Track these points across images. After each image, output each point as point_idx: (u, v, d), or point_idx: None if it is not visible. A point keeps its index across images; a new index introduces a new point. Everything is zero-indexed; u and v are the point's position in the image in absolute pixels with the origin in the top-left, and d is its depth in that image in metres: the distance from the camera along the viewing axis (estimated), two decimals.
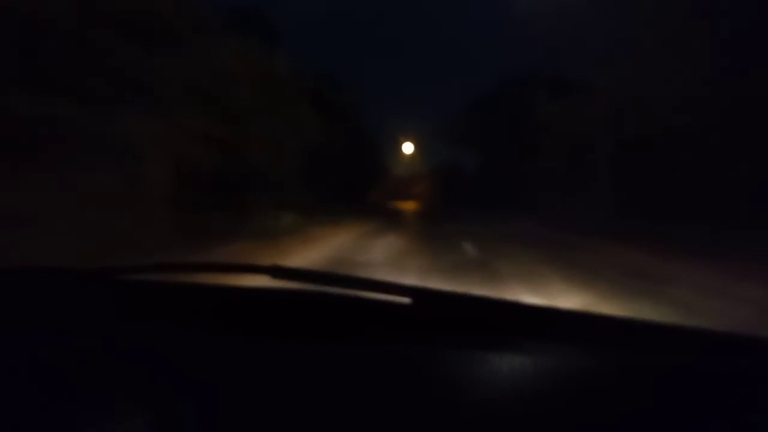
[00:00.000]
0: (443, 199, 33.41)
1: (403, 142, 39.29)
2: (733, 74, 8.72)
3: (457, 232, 10.45)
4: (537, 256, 6.54)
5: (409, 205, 33.51)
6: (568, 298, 3.70)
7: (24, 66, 5.08)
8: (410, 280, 4.35)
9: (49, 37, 5.25)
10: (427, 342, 0.67)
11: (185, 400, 0.55)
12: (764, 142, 8.32)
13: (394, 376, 0.60)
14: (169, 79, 6.88)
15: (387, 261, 5.94)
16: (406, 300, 0.73)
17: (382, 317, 0.74)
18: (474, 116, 27.70)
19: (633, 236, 8.61)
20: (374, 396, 0.56)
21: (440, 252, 7.05)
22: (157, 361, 0.64)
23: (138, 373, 0.60)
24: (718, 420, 0.53)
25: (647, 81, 10.78)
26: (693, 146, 9.97)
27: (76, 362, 0.63)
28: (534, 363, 0.61)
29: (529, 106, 18.09)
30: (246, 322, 0.76)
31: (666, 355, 0.64)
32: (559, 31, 14.46)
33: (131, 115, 5.97)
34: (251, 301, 0.84)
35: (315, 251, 6.93)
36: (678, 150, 10.30)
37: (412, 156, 42.57)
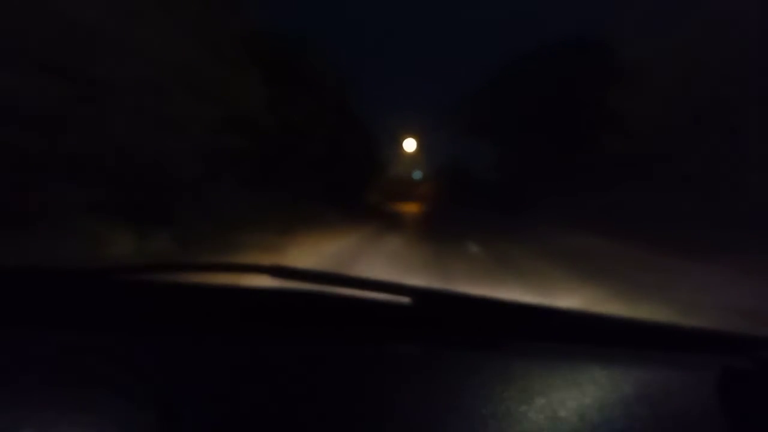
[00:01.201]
0: (451, 200, 29.21)
1: (403, 139, 35.65)
2: None
3: (488, 261, 5.62)
4: None
5: (411, 208, 28.45)
6: None
7: None
8: None
9: None
10: (426, 342, 0.68)
11: (185, 399, 0.56)
12: None
13: (394, 376, 0.62)
14: None
15: None
16: (406, 300, 0.73)
17: (382, 317, 0.76)
18: (486, 99, 22.23)
19: None
20: (374, 395, 0.58)
21: None
22: (156, 361, 0.64)
23: (138, 373, 0.60)
24: (719, 420, 0.55)
25: None
26: None
27: (75, 362, 0.63)
28: (534, 363, 0.62)
29: (586, 68, 12.83)
30: (246, 321, 0.77)
31: (665, 354, 0.66)
32: None
33: None
34: (251, 300, 0.84)
35: None
36: None
37: (414, 154, 39.22)
